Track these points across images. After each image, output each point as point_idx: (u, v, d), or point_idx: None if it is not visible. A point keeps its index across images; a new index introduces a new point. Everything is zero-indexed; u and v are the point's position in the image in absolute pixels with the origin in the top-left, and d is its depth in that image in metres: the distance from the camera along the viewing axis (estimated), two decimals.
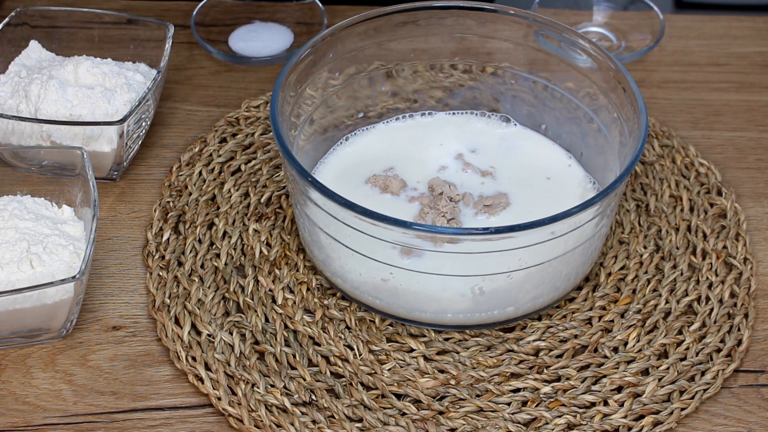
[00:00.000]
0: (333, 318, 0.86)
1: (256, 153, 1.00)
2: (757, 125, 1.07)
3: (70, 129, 0.92)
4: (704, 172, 1.00)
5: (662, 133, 1.03)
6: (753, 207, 0.98)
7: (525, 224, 0.77)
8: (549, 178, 0.94)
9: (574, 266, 0.85)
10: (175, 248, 0.91)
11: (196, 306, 0.86)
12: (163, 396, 0.82)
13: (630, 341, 0.86)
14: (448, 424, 0.80)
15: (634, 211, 0.96)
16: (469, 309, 0.84)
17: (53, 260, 0.82)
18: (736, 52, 1.15)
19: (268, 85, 1.08)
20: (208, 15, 1.14)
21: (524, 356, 0.85)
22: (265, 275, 0.89)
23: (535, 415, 0.81)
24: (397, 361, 0.84)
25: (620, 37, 1.14)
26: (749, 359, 0.86)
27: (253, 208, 0.94)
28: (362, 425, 0.80)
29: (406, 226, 0.77)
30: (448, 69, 0.99)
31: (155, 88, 0.95)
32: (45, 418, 0.80)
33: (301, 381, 0.82)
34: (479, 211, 0.90)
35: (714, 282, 0.90)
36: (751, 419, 0.82)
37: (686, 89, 1.10)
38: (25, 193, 0.89)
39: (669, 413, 0.81)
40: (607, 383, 0.83)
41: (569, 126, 0.96)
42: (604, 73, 0.90)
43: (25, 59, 1.00)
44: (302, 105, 0.90)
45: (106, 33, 1.02)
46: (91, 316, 0.86)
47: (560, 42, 0.93)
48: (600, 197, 0.79)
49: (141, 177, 0.98)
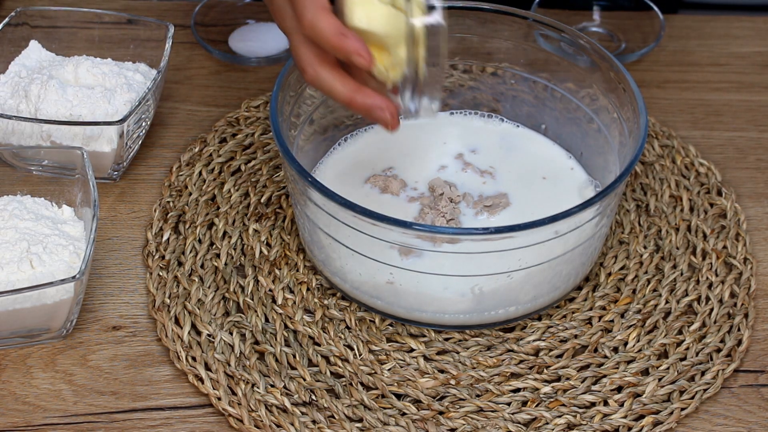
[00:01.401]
0: (333, 318, 0.86)
1: (256, 153, 1.00)
2: (757, 125, 1.07)
3: (70, 129, 0.92)
4: (704, 172, 1.00)
5: (662, 133, 1.03)
6: (753, 207, 0.98)
7: (525, 224, 0.77)
8: (549, 178, 0.94)
9: (574, 266, 0.85)
10: (175, 248, 0.91)
11: (196, 306, 0.86)
12: (163, 396, 0.82)
13: (630, 341, 0.86)
14: (448, 424, 0.80)
15: (634, 211, 0.96)
16: (469, 309, 0.84)
17: (53, 260, 0.82)
18: (736, 52, 1.15)
19: (268, 85, 1.08)
20: (208, 15, 1.14)
21: (524, 356, 0.85)
22: (265, 275, 0.89)
23: (535, 415, 0.81)
24: (397, 361, 0.84)
25: (620, 37, 1.14)
26: (749, 359, 0.86)
27: (253, 208, 0.94)
28: (362, 425, 0.80)
29: (406, 226, 0.77)
30: (448, 69, 0.99)
31: (155, 88, 0.95)
32: (45, 418, 0.80)
33: (301, 381, 0.82)
34: (479, 211, 0.90)
35: (714, 282, 0.90)
36: (751, 419, 0.82)
37: (686, 89, 1.10)
38: (25, 193, 0.89)
39: (669, 413, 0.81)
40: (607, 383, 0.83)
41: (569, 126, 0.96)
42: (604, 73, 0.90)
43: (25, 59, 1.00)
44: (302, 105, 0.90)
45: (106, 33, 1.02)
46: (91, 316, 0.86)
47: (560, 42, 0.93)
48: (600, 197, 0.79)
49: (141, 177, 0.98)
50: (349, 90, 0.78)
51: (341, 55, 0.75)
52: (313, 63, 0.78)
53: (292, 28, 0.79)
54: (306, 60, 0.78)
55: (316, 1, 0.76)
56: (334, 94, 0.78)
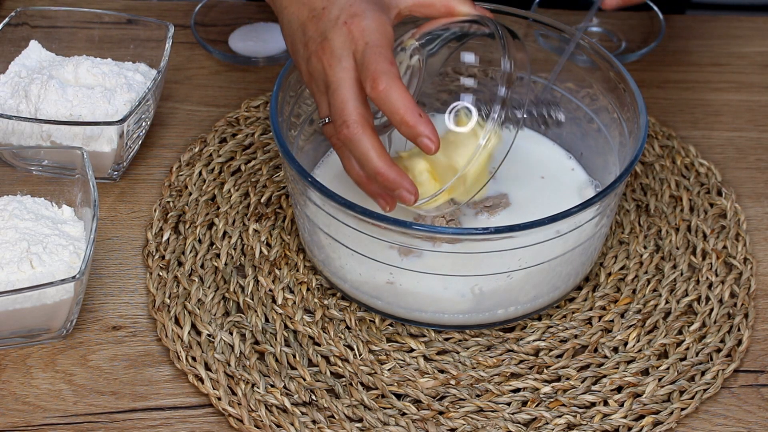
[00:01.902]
0: (333, 318, 0.86)
1: (256, 153, 1.00)
2: (757, 125, 1.07)
3: (70, 129, 0.92)
4: (704, 172, 1.00)
5: (662, 133, 1.03)
6: (753, 207, 0.98)
7: (525, 224, 0.77)
8: (549, 178, 0.94)
9: (574, 266, 0.85)
10: (175, 248, 0.91)
11: (196, 306, 0.86)
12: (163, 396, 0.82)
13: (630, 341, 0.86)
14: (448, 424, 0.80)
15: (634, 211, 0.96)
16: (469, 309, 0.84)
17: (53, 260, 0.82)
18: (736, 52, 1.15)
19: (268, 85, 1.08)
20: (208, 15, 1.14)
21: (524, 356, 0.85)
22: (265, 275, 0.89)
23: (535, 415, 0.81)
24: (397, 361, 0.84)
25: (620, 37, 1.14)
26: (749, 359, 0.86)
27: (253, 208, 0.94)
28: (362, 425, 0.80)
29: (406, 226, 0.77)
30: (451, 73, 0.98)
31: (155, 88, 0.95)
32: (45, 418, 0.80)
33: (301, 381, 0.82)
34: (479, 211, 0.90)
35: (714, 282, 0.90)
36: (751, 419, 0.82)
37: (686, 89, 1.10)
38: (25, 193, 0.89)
39: (669, 413, 0.81)
40: (607, 383, 0.83)
41: (569, 126, 0.96)
42: (604, 73, 0.90)
43: (25, 59, 1.00)
44: (302, 105, 0.90)
45: (106, 33, 1.02)
46: (91, 316, 0.86)
47: (560, 42, 0.93)
48: (600, 197, 0.79)
49: (141, 177, 0.98)
50: (385, 164, 0.75)
51: (408, 132, 0.73)
52: (357, 122, 0.75)
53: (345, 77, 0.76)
54: (350, 115, 0.75)
55: (392, 70, 0.74)
56: (367, 160, 0.75)
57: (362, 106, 0.76)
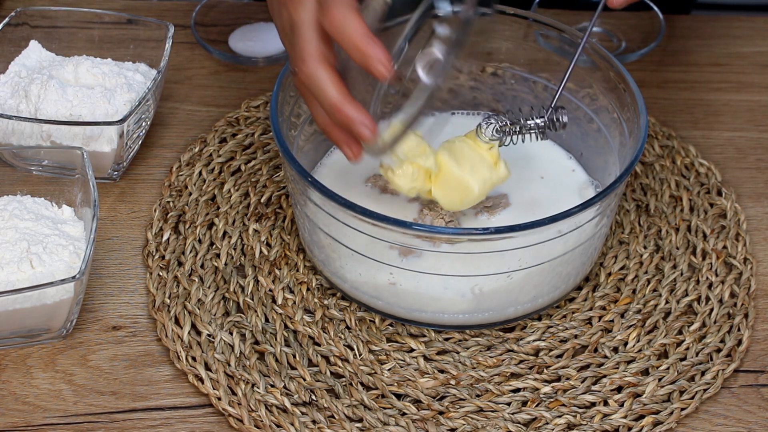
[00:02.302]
0: (333, 318, 0.86)
1: (256, 153, 1.00)
2: (757, 125, 1.07)
3: (70, 129, 0.92)
4: (704, 172, 1.00)
5: (662, 133, 1.03)
6: (753, 207, 0.98)
7: (525, 224, 0.77)
8: (549, 178, 0.94)
9: (574, 266, 0.85)
10: (175, 248, 0.91)
11: (196, 306, 0.86)
12: (163, 396, 0.82)
13: (630, 341, 0.86)
14: (448, 424, 0.80)
15: (634, 211, 0.96)
16: (469, 309, 0.84)
17: (53, 260, 0.82)
18: (736, 52, 1.15)
19: (268, 85, 1.08)
20: (208, 15, 1.14)
21: (524, 356, 0.85)
22: (265, 275, 0.89)
23: (535, 415, 0.81)
24: (397, 361, 0.84)
25: (620, 37, 1.14)
26: (749, 359, 0.86)
27: (253, 208, 0.94)
28: (362, 425, 0.80)
29: (406, 226, 0.77)
30: None
31: (155, 88, 0.95)
32: (45, 418, 0.80)
33: (301, 381, 0.82)
34: (479, 211, 0.90)
35: (714, 282, 0.90)
36: (751, 419, 0.82)
37: (686, 89, 1.10)
38: (25, 193, 0.89)
39: (669, 413, 0.81)
40: (607, 383, 0.83)
41: (569, 126, 0.95)
42: (604, 73, 0.90)
43: (25, 59, 1.00)
44: (302, 105, 0.90)
45: (106, 33, 1.02)
46: (91, 316, 0.86)
47: (560, 42, 0.93)
48: (600, 197, 0.79)
49: (141, 177, 0.98)
50: (341, 96, 0.75)
51: (361, 57, 0.73)
52: (314, 57, 0.75)
53: (306, 18, 0.76)
54: (308, 52, 0.75)
55: (348, 2, 0.73)
56: (324, 94, 0.75)
57: (322, 44, 0.76)
